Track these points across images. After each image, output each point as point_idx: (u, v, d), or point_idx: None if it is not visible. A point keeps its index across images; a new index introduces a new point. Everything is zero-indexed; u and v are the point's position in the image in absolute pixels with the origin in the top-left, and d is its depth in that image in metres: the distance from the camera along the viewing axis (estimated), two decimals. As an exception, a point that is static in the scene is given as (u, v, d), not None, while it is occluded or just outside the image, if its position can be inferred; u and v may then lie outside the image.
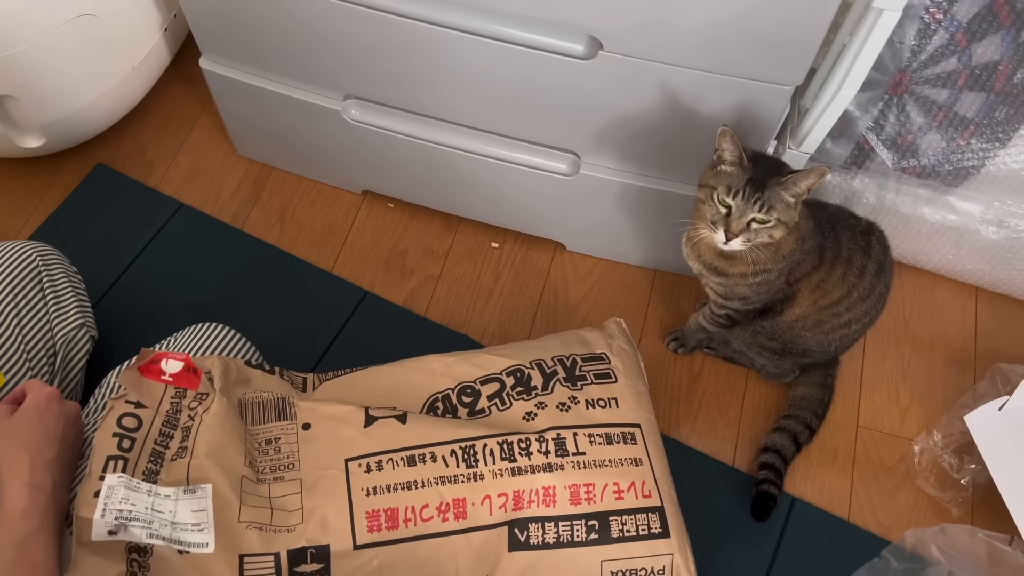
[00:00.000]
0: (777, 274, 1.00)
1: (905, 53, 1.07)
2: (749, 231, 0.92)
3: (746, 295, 1.03)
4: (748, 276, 0.99)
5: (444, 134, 1.15)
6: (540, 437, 0.90)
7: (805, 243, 0.99)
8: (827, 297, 1.05)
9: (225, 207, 1.32)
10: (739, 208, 0.91)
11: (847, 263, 1.03)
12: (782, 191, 0.90)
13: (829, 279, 1.03)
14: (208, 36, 1.15)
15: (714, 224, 0.93)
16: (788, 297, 1.05)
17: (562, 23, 0.94)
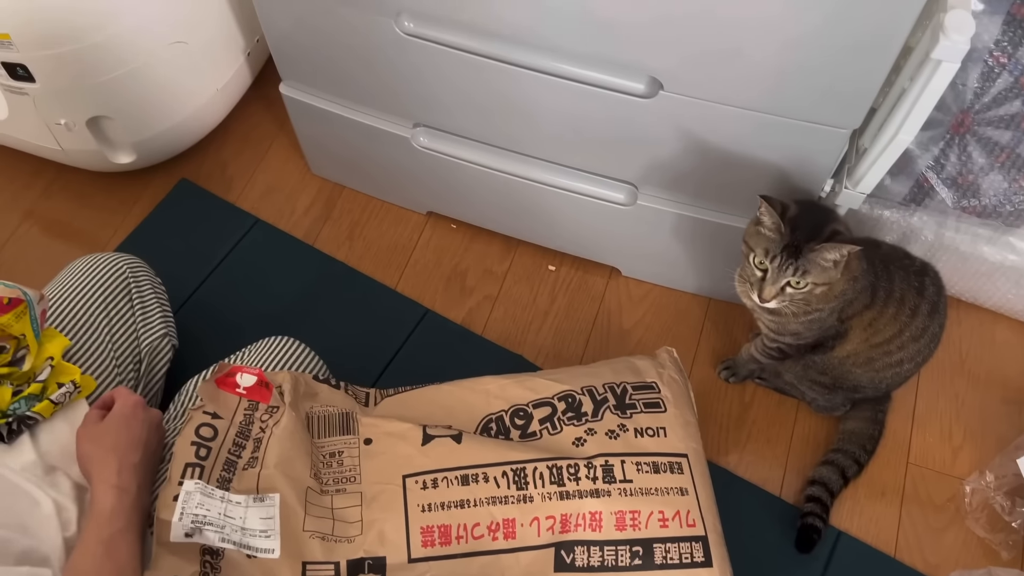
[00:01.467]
0: (828, 312, 1.01)
1: (968, 95, 1.07)
2: (783, 294, 0.94)
3: (798, 331, 1.05)
4: (800, 315, 1.01)
5: (507, 162, 1.20)
6: (589, 463, 0.93)
7: (857, 283, 1.00)
8: (878, 335, 1.06)
9: (298, 223, 1.39)
10: (773, 274, 0.94)
11: (899, 303, 1.04)
12: (818, 257, 0.92)
13: (881, 318, 1.04)
14: (288, 64, 1.21)
15: (751, 284, 0.97)
16: (840, 334, 1.06)
17: (625, 64, 0.97)
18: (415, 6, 1.00)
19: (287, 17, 1.11)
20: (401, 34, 1.03)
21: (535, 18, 0.95)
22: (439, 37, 1.01)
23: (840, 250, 0.91)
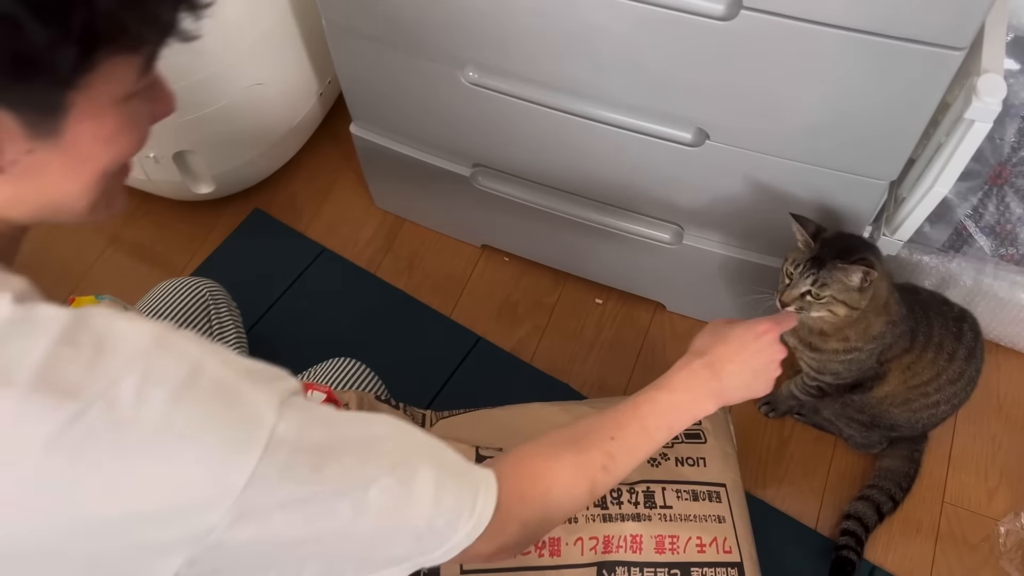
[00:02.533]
0: (868, 354, 1.06)
1: (1005, 148, 1.12)
2: (803, 302, 0.98)
3: (838, 371, 1.09)
4: (840, 353, 1.06)
5: (559, 201, 1.27)
6: (631, 489, 0.99)
7: (896, 327, 1.05)
8: (916, 378, 1.10)
9: (361, 253, 1.48)
10: (795, 281, 0.98)
11: (938, 348, 1.08)
12: (839, 273, 0.96)
13: (919, 362, 1.08)
14: (359, 106, 1.31)
15: (777, 291, 1.01)
16: (879, 375, 1.10)
17: (674, 115, 1.04)
18: (480, 59, 1.08)
19: (360, 64, 1.21)
20: (466, 84, 1.11)
21: (591, 72, 1.02)
22: (501, 87, 1.10)
23: (859, 273, 0.95)
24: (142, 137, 0.55)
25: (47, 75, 0.46)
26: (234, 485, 0.50)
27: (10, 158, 0.49)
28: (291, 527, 0.53)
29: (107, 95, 0.50)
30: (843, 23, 0.83)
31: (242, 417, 0.51)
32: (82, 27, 0.45)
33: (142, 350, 0.49)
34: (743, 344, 0.83)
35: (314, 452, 0.53)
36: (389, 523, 0.57)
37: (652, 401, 0.78)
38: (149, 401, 0.48)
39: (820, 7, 0.83)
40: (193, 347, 0.52)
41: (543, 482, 0.68)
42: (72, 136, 0.50)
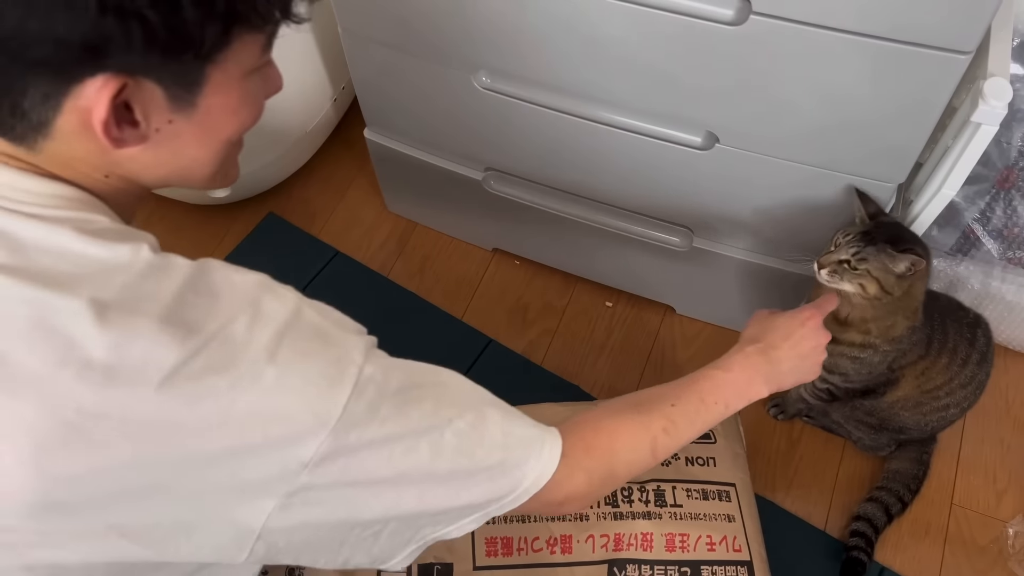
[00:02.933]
0: (881, 356, 1.06)
1: (1012, 152, 1.13)
2: (839, 268, 0.98)
3: (847, 371, 1.10)
4: (855, 348, 1.05)
5: (570, 205, 1.29)
6: (642, 487, 1.00)
7: (915, 334, 1.05)
8: (929, 383, 1.10)
9: (374, 256, 1.50)
10: (838, 247, 0.99)
11: (952, 353, 1.09)
12: (884, 257, 0.96)
13: (934, 367, 1.09)
14: (373, 111, 1.33)
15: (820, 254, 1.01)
16: (891, 381, 1.10)
17: (684, 119, 1.05)
18: (493, 64, 1.10)
19: (374, 70, 1.23)
20: (479, 88, 1.13)
21: (602, 76, 1.04)
22: (513, 92, 1.12)
23: (906, 261, 0.95)
24: (259, 111, 0.62)
25: (194, 50, 0.53)
26: (328, 418, 0.55)
27: (155, 127, 0.56)
28: (375, 466, 0.57)
29: (236, 70, 0.57)
30: (850, 28, 0.85)
31: (336, 356, 0.57)
32: (224, 6, 0.52)
33: (251, 296, 0.56)
34: (790, 331, 0.88)
35: (396, 395, 0.59)
36: (464, 464, 0.61)
37: (710, 377, 0.82)
38: (257, 338, 0.54)
39: (828, 12, 0.85)
40: (292, 294, 0.58)
41: (607, 435, 0.72)
42: (205, 107, 0.57)
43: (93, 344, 0.50)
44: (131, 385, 0.51)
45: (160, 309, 0.52)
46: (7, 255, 0.53)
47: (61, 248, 0.54)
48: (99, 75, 0.51)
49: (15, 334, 0.51)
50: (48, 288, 0.51)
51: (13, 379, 0.50)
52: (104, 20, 0.49)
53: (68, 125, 0.54)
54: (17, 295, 0.51)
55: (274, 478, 0.54)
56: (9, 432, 0.50)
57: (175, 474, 0.52)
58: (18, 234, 0.54)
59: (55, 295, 0.51)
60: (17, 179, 0.55)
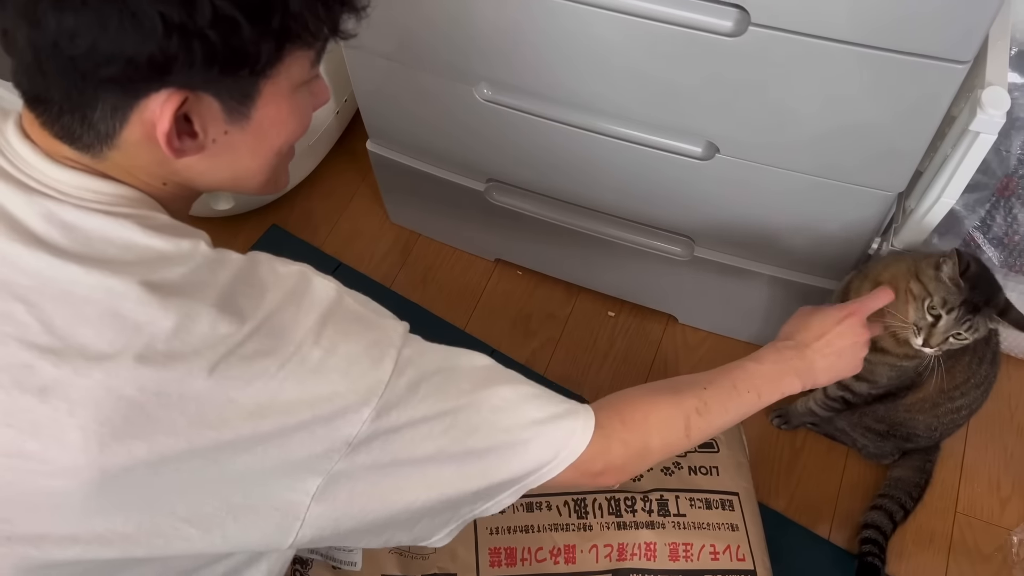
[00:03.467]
0: (918, 363, 1.04)
1: (1012, 160, 1.14)
2: (946, 343, 0.96)
3: (878, 379, 1.08)
4: (903, 359, 1.04)
5: (571, 215, 1.29)
6: (645, 497, 1.00)
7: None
8: (951, 381, 1.09)
9: (377, 267, 1.50)
10: (946, 324, 0.95)
11: (972, 351, 1.08)
12: (989, 321, 0.95)
13: (958, 364, 1.08)
14: (375, 123, 1.34)
15: (917, 328, 0.96)
16: (915, 384, 1.10)
17: (684, 129, 1.06)
18: (494, 76, 1.11)
19: (376, 83, 1.24)
20: (480, 100, 1.14)
21: (602, 88, 1.04)
22: (514, 104, 1.12)
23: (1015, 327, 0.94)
24: (307, 122, 0.66)
25: (250, 66, 0.56)
26: (371, 396, 0.59)
27: (212, 137, 0.59)
28: (416, 444, 0.61)
29: (286, 84, 0.60)
30: (849, 38, 0.85)
31: (375, 338, 0.61)
32: (279, 25, 0.56)
33: (296, 284, 0.61)
34: (824, 329, 0.88)
35: (434, 375, 0.63)
36: (502, 438, 0.64)
37: (741, 367, 0.83)
38: (303, 323, 0.58)
39: (826, 23, 0.85)
40: (333, 283, 0.63)
41: (642, 408, 0.74)
42: (258, 119, 0.60)
43: (156, 328, 0.54)
44: (189, 365, 0.54)
45: (216, 296, 0.57)
46: (77, 246, 0.56)
47: (126, 240, 0.57)
48: (163, 90, 0.55)
49: (85, 318, 0.54)
50: (116, 275, 0.55)
51: (83, 360, 0.53)
52: (169, 40, 0.52)
53: (133, 136, 0.57)
54: (87, 281, 0.55)
55: (320, 456, 0.57)
56: (77, 411, 0.53)
57: (228, 454, 0.55)
58: (85, 227, 0.57)
59: (122, 282, 0.55)
60: (84, 180, 0.59)
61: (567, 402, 0.70)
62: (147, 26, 0.51)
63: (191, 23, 0.52)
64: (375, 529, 0.62)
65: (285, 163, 0.69)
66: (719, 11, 0.89)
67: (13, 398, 0.54)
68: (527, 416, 0.66)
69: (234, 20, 0.53)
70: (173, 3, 0.51)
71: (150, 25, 0.51)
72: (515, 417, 0.65)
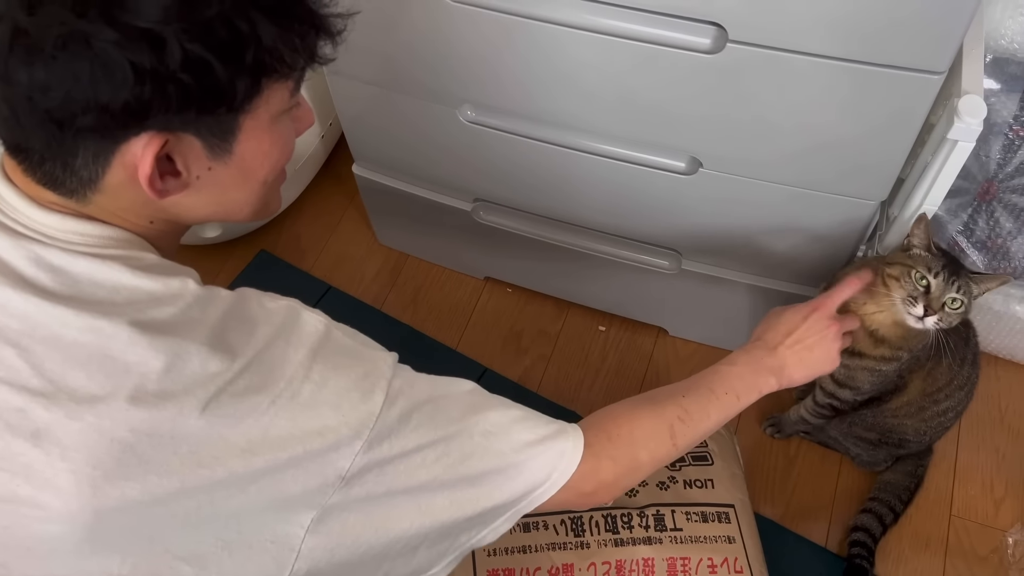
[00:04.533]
0: (896, 366, 1.05)
1: (992, 165, 1.15)
2: (943, 311, 0.96)
3: (861, 384, 1.09)
4: (881, 361, 1.04)
5: (559, 232, 1.30)
6: (641, 512, 1.01)
7: (929, 340, 1.04)
8: (934, 384, 1.10)
9: (367, 290, 1.51)
10: (939, 287, 0.95)
11: (953, 352, 1.09)
12: (972, 283, 0.97)
13: (938, 367, 1.09)
14: (360, 146, 1.34)
15: (912, 299, 0.95)
16: (898, 388, 1.11)
17: (667, 145, 1.07)
18: (476, 98, 1.12)
19: (359, 107, 1.24)
20: (464, 122, 1.14)
21: (585, 107, 1.05)
22: (498, 124, 1.13)
23: (994, 280, 0.95)
24: (290, 149, 0.66)
25: (227, 103, 0.57)
26: (362, 428, 0.59)
27: (195, 175, 0.60)
28: (410, 474, 0.61)
29: (266, 115, 0.60)
30: (825, 52, 0.87)
31: (365, 371, 0.61)
32: (253, 61, 0.56)
33: (284, 320, 0.61)
34: (792, 325, 0.89)
35: (425, 404, 0.63)
36: (494, 463, 0.65)
37: (715, 372, 0.84)
38: (292, 358, 0.59)
39: (802, 38, 0.86)
40: (321, 317, 0.64)
41: (626, 424, 0.75)
42: (240, 153, 0.61)
43: (146, 368, 0.55)
44: (180, 405, 0.54)
45: (207, 334, 0.57)
46: (65, 289, 0.57)
47: (115, 282, 0.58)
48: (143, 134, 0.55)
49: (75, 361, 0.55)
50: (105, 317, 0.55)
51: (74, 403, 0.54)
52: (142, 86, 0.52)
53: (116, 179, 0.58)
54: (76, 324, 0.55)
55: (313, 490, 0.58)
56: (69, 454, 0.53)
57: (221, 492, 0.55)
58: (73, 271, 0.57)
59: (111, 323, 0.55)
60: (70, 223, 0.59)
61: (555, 422, 0.71)
62: (118, 75, 0.51)
63: (162, 68, 0.52)
64: (372, 560, 0.62)
65: (275, 188, 0.69)
66: (697, 29, 0.90)
67: (6, 442, 0.54)
68: (518, 439, 0.66)
69: (206, 61, 0.53)
70: (142, 50, 0.51)
71: (121, 74, 0.51)
72: (506, 441, 0.66)
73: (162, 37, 0.52)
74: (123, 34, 0.51)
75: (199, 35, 0.53)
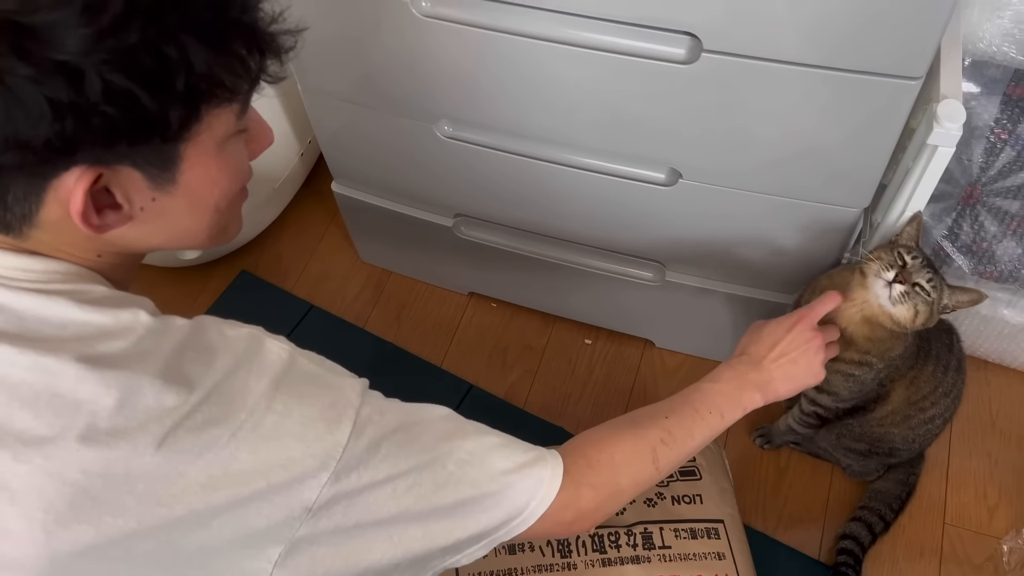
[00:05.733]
0: (874, 374, 1.04)
1: (974, 169, 1.14)
2: (912, 292, 0.93)
3: (838, 390, 1.08)
4: (852, 365, 1.03)
5: (542, 246, 1.29)
6: (628, 531, 0.99)
7: (907, 350, 1.04)
8: (918, 392, 1.09)
9: (350, 308, 1.49)
10: (913, 266, 0.94)
11: (936, 360, 1.08)
12: (945, 287, 0.96)
13: (921, 375, 1.08)
14: (338, 164, 1.33)
15: (887, 267, 0.94)
16: (880, 397, 1.10)
17: (646, 157, 1.06)
18: (453, 113, 1.10)
19: (336, 124, 1.23)
20: (441, 137, 1.13)
21: (562, 120, 1.04)
22: (475, 139, 1.12)
23: (967, 295, 0.95)
24: (244, 173, 0.64)
25: (161, 133, 0.53)
26: (328, 460, 0.57)
27: (138, 206, 0.57)
28: (380, 505, 0.59)
29: (211, 142, 0.57)
30: (799, 60, 0.86)
31: (332, 399, 0.59)
32: (184, 88, 0.52)
33: (246, 348, 0.58)
34: (775, 339, 0.88)
35: (395, 432, 0.61)
36: (468, 493, 0.63)
37: (699, 390, 0.83)
38: (254, 388, 0.56)
39: (776, 46, 0.85)
40: (285, 344, 0.61)
41: (607, 449, 0.73)
42: (185, 182, 0.57)
43: (97, 406, 0.52)
44: (134, 442, 0.52)
45: (161, 367, 0.54)
46: (10, 327, 0.54)
47: (61, 318, 0.55)
48: (73, 168, 0.52)
49: (22, 401, 0.52)
50: (52, 354, 0.53)
51: (21, 445, 0.51)
52: (63, 122, 0.49)
53: (52, 215, 0.55)
54: (21, 362, 0.53)
55: (279, 524, 0.55)
56: (18, 499, 0.51)
57: (181, 530, 0.53)
58: (17, 308, 0.55)
59: (58, 360, 0.53)
60: (11, 259, 0.56)
61: (534, 449, 0.69)
62: (35, 111, 0.49)
63: (82, 101, 0.49)
64: None
65: (233, 211, 0.66)
66: (671, 39, 0.89)
67: None
68: (494, 467, 0.64)
69: (130, 92, 0.50)
70: (58, 84, 0.48)
71: (38, 110, 0.48)
72: (482, 470, 0.64)
73: (80, 69, 0.48)
74: (37, 68, 0.48)
75: (120, 64, 0.49)
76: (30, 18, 0.48)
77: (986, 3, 1.00)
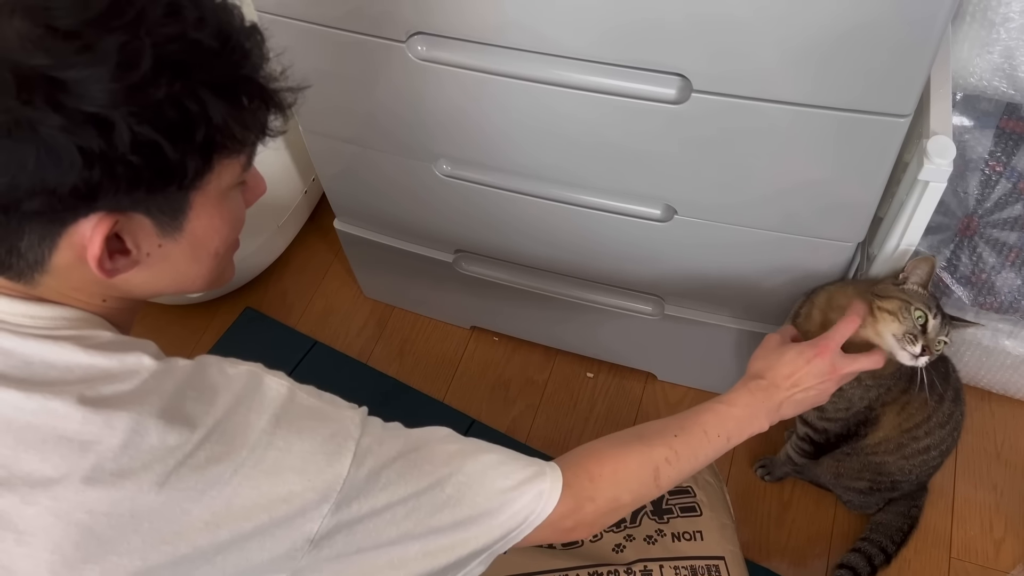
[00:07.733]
0: (863, 391, 1.04)
1: (970, 201, 1.14)
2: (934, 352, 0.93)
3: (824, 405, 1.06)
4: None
5: (540, 280, 1.30)
6: (628, 569, 0.98)
7: (898, 371, 1.03)
8: (910, 420, 1.09)
9: (353, 343, 1.50)
10: (935, 328, 0.93)
11: (930, 387, 1.07)
12: (950, 326, 0.95)
13: (913, 402, 1.07)
14: (341, 202, 1.35)
15: (912, 337, 0.92)
16: (870, 420, 1.09)
17: (642, 194, 1.07)
18: (451, 153, 1.12)
19: (338, 164, 1.25)
20: (440, 176, 1.15)
21: (557, 158, 1.05)
22: (474, 177, 1.13)
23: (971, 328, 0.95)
24: (240, 221, 0.66)
25: (177, 182, 0.56)
26: (329, 492, 0.58)
27: (145, 252, 0.59)
28: (380, 531, 0.60)
29: (216, 191, 0.60)
30: (787, 99, 0.87)
31: (332, 431, 0.60)
32: (203, 139, 0.56)
33: (246, 386, 0.60)
34: (794, 369, 0.88)
35: (395, 460, 0.62)
36: (466, 512, 0.64)
37: (712, 411, 0.83)
38: (255, 424, 0.58)
39: (764, 86, 0.87)
40: (284, 380, 0.62)
41: (610, 463, 0.73)
42: (190, 229, 0.60)
43: (103, 447, 0.54)
44: (139, 482, 0.53)
45: (164, 407, 0.56)
46: (16, 372, 0.56)
47: (67, 362, 0.57)
48: (92, 215, 0.55)
49: (28, 444, 0.54)
50: (57, 397, 0.54)
51: (28, 488, 0.53)
52: (91, 170, 0.52)
53: (63, 261, 0.57)
54: (27, 406, 0.54)
55: (282, 556, 0.57)
56: (26, 540, 0.52)
57: (186, 567, 0.55)
58: (25, 353, 0.57)
59: (63, 403, 0.54)
60: (19, 306, 0.58)
61: (534, 463, 0.69)
62: (66, 160, 0.51)
63: (111, 151, 0.52)
64: None
65: (228, 258, 0.68)
66: (662, 80, 0.90)
67: None
68: (493, 486, 0.65)
69: (155, 142, 0.53)
70: (90, 134, 0.51)
71: (69, 159, 0.51)
72: (481, 490, 0.65)
73: (110, 120, 0.51)
74: (70, 119, 0.51)
75: (148, 117, 0.52)
76: (64, 73, 0.50)
77: (976, 39, 1.01)
